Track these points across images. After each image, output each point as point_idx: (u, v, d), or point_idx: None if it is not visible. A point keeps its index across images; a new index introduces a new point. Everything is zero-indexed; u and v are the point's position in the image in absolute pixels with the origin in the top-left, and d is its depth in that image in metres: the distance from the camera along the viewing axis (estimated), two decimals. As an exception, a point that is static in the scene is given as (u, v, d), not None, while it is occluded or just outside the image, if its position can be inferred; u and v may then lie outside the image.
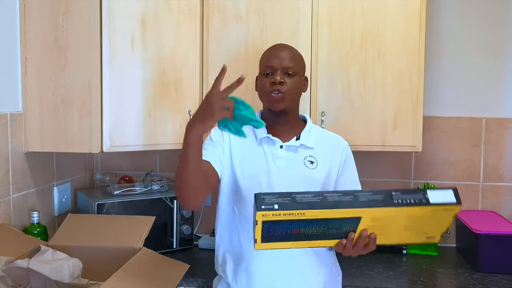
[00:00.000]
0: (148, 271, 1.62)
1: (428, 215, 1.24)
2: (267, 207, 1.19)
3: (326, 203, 1.20)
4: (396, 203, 1.21)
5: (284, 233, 1.24)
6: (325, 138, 1.67)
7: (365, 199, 1.21)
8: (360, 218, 1.23)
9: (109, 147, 1.94)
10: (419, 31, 2.04)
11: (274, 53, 1.60)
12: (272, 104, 1.59)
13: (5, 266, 1.50)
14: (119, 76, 1.94)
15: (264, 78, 1.59)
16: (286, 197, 1.21)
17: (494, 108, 2.39)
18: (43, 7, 1.93)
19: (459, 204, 1.22)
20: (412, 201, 1.21)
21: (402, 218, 1.24)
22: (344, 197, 1.21)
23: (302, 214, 1.19)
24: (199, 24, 2.13)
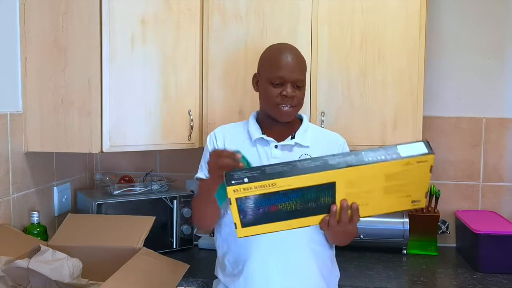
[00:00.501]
0: (148, 271, 1.62)
1: (404, 170, 1.19)
2: (237, 182, 1.17)
3: (296, 170, 1.17)
4: (367, 160, 1.18)
5: (262, 212, 1.21)
6: (321, 136, 1.65)
7: (336, 162, 1.18)
8: (335, 184, 1.19)
9: (109, 147, 1.94)
10: (419, 31, 2.04)
11: (285, 62, 1.54)
12: (281, 117, 1.57)
13: (5, 266, 1.50)
14: (119, 76, 1.94)
15: (273, 88, 1.55)
16: (256, 170, 1.19)
17: (494, 108, 2.39)
18: (43, 7, 1.93)
19: (432, 154, 1.18)
20: (383, 157, 1.18)
21: (378, 178, 1.20)
22: (314, 163, 1.19)
23: (273, 184, 1.17)
24: (199, 24, 2.13)
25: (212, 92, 2.16)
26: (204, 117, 2.17)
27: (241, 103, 2.14)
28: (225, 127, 1.69)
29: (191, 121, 2.12)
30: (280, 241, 1.51)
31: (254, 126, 1.63)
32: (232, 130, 1.68)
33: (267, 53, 1.63)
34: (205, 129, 2.17)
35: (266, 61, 1.61)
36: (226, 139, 1.64)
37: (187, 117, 2.12)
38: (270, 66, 1.57)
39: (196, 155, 2.45)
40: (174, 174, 2.51)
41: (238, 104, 2.14)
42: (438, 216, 2.32)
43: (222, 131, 1.67)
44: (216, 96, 2.16)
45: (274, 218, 1.23)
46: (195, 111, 2.14)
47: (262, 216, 1.22)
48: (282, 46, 1.63)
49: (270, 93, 1.56)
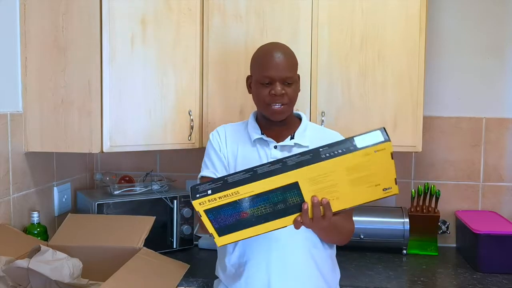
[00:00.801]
0: (148, 271, 1.62)
1: (364, 161, 1.18)
2: (201, 195, 1.18)
3: (257, 176, 1.17)
4: (324, 157, 1.17)
5: (234, 220, 1.22)
6: (321, 135, 1.64)
7: (294, 162, 1.18)
8: (298, 183, 1.19)
9: (109, 147, 1.94)
10: (419, 31, 2.04)
11: (271, 61, 1.54)
12: (273, 116, 1.57)
13: (5, 266, 1.50)
14: (119, 76, 1.94)
15: (262, 88, 1.55)
16: (219, 181, 1.20)
17: (494, 108, 2.39)
18: (43, 7, 1.93)
19: (388, 141, 1.16)
20: (340, 151, 1.17)
21: (339, 172, 1.19)
22: (274, 166, 1.19)
23: (236, 192, 1.17)
24: (199, 24, 2.13)
25: (212, 92, 2.16)
26: (204, 117, 2.17)
27: (241, 103, 2.14)
28: (226, 127, 1.70)
29: (191, 121, 2.12)
30: (280, 242, 1.52)
31: (253, 126, 1.63)
32: (232, 129, 1.68)
33: (256, 54, 1.63)
34: (205, 129, 2.17)
35: (254, 62, 1.61)
36: (228, 138, 1.64)
37: (187, 117, 2.12)
38: (258, 67, 1.58)
39: (196, 155, 2.45)
40: (174, 174, 2.51)
41: (238, 104, 2.14)
42: (438, 216, 2.31)
43: (223, 130, 1.68)
44: (216, 96, 2.16)
45: (247, 224, 1.25)
46: (195, 111, 2.14)
47: (235, 223, 1.24)
48: (269, 46, 1.63)
49: (260, 93, 1.56)
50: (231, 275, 1.61)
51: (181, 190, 2.35)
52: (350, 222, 1.61)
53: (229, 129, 1.68)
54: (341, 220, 1.51)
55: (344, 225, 1.56)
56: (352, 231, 1.62)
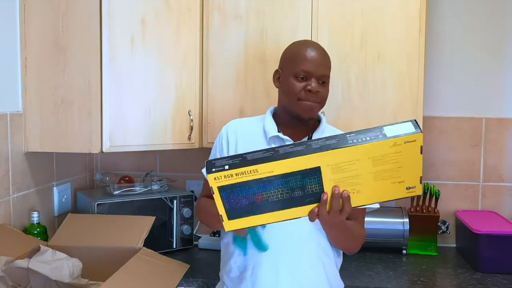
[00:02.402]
0: (148, 271, 1.62)
1: (391, 152, 1.12)
2: (217, 169, 1.12)
3: (278, 156, 1.12)
4: (351, 143, 1.11)
5: (247, 202, 1.17)
6: None
7: (319, 145, 1.12)
8: (320, 169, 1.13)
9: (109, 147, 1.94)
10: (419, 31, 2.04)
11: (311, 56, 1.49)
12: (303, 113, 1.50)
13: (5, 266, 1.50)
14: (119, 76, 1.94)
15: (297, 82, 1.49)
16: (237, 157, 1.14)
17: (494, 108, 2.39)
18: (43, 7, 1.93)
19: (420, 133, 1.10)
20: (368, 138, 1.11)
21: (365, 162, 1.13)
22: (297, 147, 1.13)
23: (255, 170, 1.12)
24: (199, 24, 2.13)
25: (212, 92, 2.16)
26: (204, 117, 2.17)
27: (242, 103, 2.14)
28: (239, 122, 1.64)
29: (191, 121, 2.12)
30: (289, 246, 1.49)
31: (270, 123, 1.57)
32: (247, 125, 1.62)
33: (292, 48, 1.57)
34: (205, 129, 2.17)
35: (290, 55, 1.55)
36: (239, 134, 1.58)
37: (187, 117, 2.12)
38: (294, 60, 1.51)
39: (196, 155, 2.46)
40: (174, 174, 2.51)
41: (238, 104, 2.14)
42: (438, 216, 2.32)
43: (235, 126, 1.61)
44: (216, 96, 2.16)
45: (260, 209, 1.19)
46: (195, 111, 2.14)
47: (247, 207, 1.18)
48: (308, 41, 1.60)
49: (293, 87, 1.49)
50: (236, 278, 1.56)
51: (181, 190, 2.35)
52: (361, 228, 1.56)
53: (243, 125, 1.62)
54: (353, 223, 1.48)
55: (356, 229, 1.51)
56: (363, 237, 1.56)
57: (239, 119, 1.67)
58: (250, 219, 1.21)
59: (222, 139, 1.60)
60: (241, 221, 1.21)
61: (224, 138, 1.60)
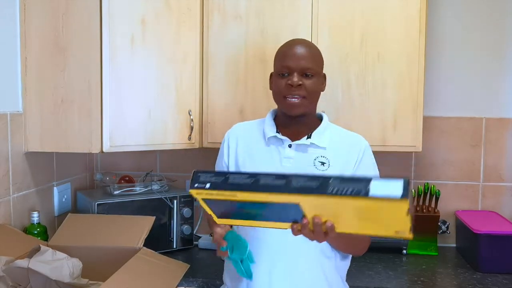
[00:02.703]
0: (148, 271, 1.62)
1: (375, 207, 1.04)
2: (199, 186, 1.14)
3: (257, 186, 1.10)
4: (330, 191, 1.04)
5: (231, 211, 1.20)
6: (341, 138, 1.55)
7: (299, 184, 1.08)
8: (299, 204, 1.10)
9: (109, 147, 1.94)
10: (419, 31, 2.04)
11: (291, 51, 1.49)
12: (288, 109, 1.50)
13: (5, 266, 1.50)
14: (119, 76, 1.94)
15: (280, 79, 1.50)
16: (220, 176, 1.15)
17: (494, 108, 2.39)
18: (43, 7, 1.93)
19: (405, 199, 0.98)
20: (349, 191, 1.02)
21: (347, 209, 1.07)
22: (278, 181, 1.10)
23: (234, 195, 1.12)
24: (199, 24, 2.13)
25: (212, 92, 2.16)
26: (204, 117, 2.17)
27: (242, 103, 2.14)
28: (240, 126, 1.65)
29: (191, 121, 2.12)
30: (286, 248, 1.46)
31: (269, 124, 1.57)
32: (247, 129, 1.62)
33: (278, 49, 1.58)
34: (205, 129, 2.17)
35: (276, 55, 1.56)
36: (240, 139, 1.59)
37: (187, 117, 2.12)
38: (278, 58, 1.53)
39: (196, 155, 2.46)
40: (174, 174, 2.51)
41: (238, 104, 2.14)
42: (438, 216, 2.32)
43: (236, 131, 1.63)
44: (216, 96, 2.16)
45: (246, 217, 1.21)
46: (195, 111, 2.14)
47: (233, 213, 1.21)
48: (293, 40, 1.59)
49: (277, 85, 1.50)
50: (235, 279, 1.55)
51: (181, 190, 2.35)
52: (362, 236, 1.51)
53: (243, 128, 1.63)
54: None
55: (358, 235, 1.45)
56: (368, 241, 1.52)
57: (242, 123, 1.67)
58: (237, 221, 1.24)
59: (224, 143, 1.63)
60: (229, 220, 1.25)
61: (226, 142, 1.62)
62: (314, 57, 1.51)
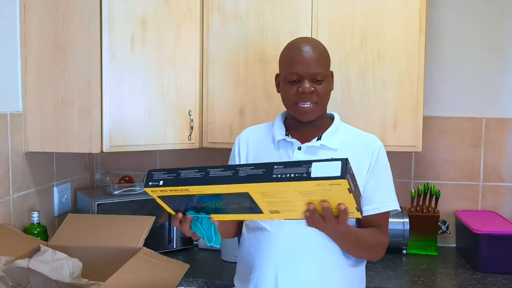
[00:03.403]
0: (148, 271, 1.62)
1: (318, 189, 1.09)
2: (153, 184, 1.20)
3: (206, 179, 1.16)
4: (275, 177, 1.09)
5: (189, 206, 1.24)
6: (354, 139, 1.51)
7: (245, 174, 1.12)
8: (249, 193, 1.14)
9: (109, 147, 1.94)
10: (419, 31, 2.04)
11: (299, 56, 1.43)
12: (301, 116, 1.46)
13: (5, 266, 1.50)
14: (119, 76, 1.94)
15: (289, 86, 1.45)
16: (172, 173, 1.21)
17: (494, 108, 2.39)
18: (43, 7, 1.93)
19: (344, 179, 1.04)
20: (292, 175, 1.08)
21: (292, 193, 1.12)
22: (225, 173, 1.15)
23: (186, 190, 1.18)
24: (199, 24, 2.13)
25: (212, 92, 2.16)
26: (204, 117, 2.17)
27: (242, 103, 2.14)
28: (250, 130, 1.63)
29: (191, 121, 2.12)
30: (292, 251, 1.43)
31: (278, 127, 1.54)
32: (257, 132, 1.60)
33: (284, 50, 1.52)
34: (205, 129, 2.17)
35: (282, 58, 1.51)
36: (250, 143, 1.57)
37: (187, 117, 2.12)
38: (285, 64, 1.47)
39: (196, 155, 2.46)
40: (174, 174, 2.51)
41: (238, 104, 2.14)
42: (438, 216, 2.32)
43: (247, 134, 1.61)
44: (216, 96, 2.16)
45: (204, 211, 1.25)
46: (195, 111, 2.14)
47: (191, 208, 1.25)
48: (298, 41, 1.53)
49: (287, 92, 1.46)
50: (243, 281, 1.54)
51: (181, 190, 2.35)
52: (380, 235, 1.48)
53: (253, 132, 1.61)
54: (368, 231, 1.43)
55: (373, 237, 1.44)
56: (383, 245, 1.47)
57: (252, 127, 1.64)
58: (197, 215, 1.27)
59: (235, 150, 1.61)
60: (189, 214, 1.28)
61: (237, 147, 1.60)
62: (322, 59, 1.47)
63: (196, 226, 1.27)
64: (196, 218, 1.26)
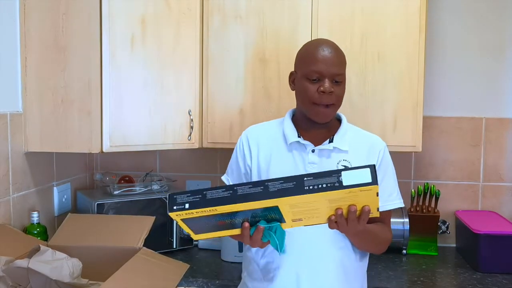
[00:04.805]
0: (148, 271, 1.62)
1: (347, 196, 1.15)
2: (178, 208, 1.18)
3: (236, 198, 1.16)
4: (307, 189, 1.13)
5: (211, 225, 1.23)
6: (361, 140, 1.54)
7: (275, 188, 1.15)
8: (278, 207, 1.18)
9: (109, 147, 1.94)
10: (419, 31, 2.04)
11: (322, 55, 1.44)
12: (317, 117, 1.47)
13: (5, 266, 1.50)
14: (119, 76, 1.94)
15: (310, 84, 1.45)
16: (197, 194, 1.18)
17: (494, 108, 2.39)
18: (43, 7, 1.93)
19: (375, 185, 1.12)
20: (325, 185, 1.13)
21: (322, 202, 1.17)
22: (255, 189, 1.16)
23: (214, 210, 1.17)
24: (199, 24, 2.13)
25: (212, 92, 2.16)
26: (204, 117, 2.17)
27: (242, 103, 2.14)
28: (257, 129, 1.60)
29: (191, 121, 2.12)
30: (310, 250, 1.46)
31: (290, 127, 1.53)
32: (266, 132, 1.58)
33: (304, 49, 1.53)
34: (205, 129, 2.17)
35: (302, 56, 1.51)
36: (261, 143, 1.55)
37: (187, 117, 2.12)
38: (306, 61, 1.47)
39: (196, 155, 2.46)
40: (174, 174, 2.51)
41: (238, 104, 2.14)
42: (438, 216, 2.32)
43: (255, 133, 1.58)
44: (216, 96, 2.16)
45: (224, 228, 1.26)
46: (195, 111, 2.14)
47: (212, 227, 1.25)
48: (319, 40, 1.56)
49: (307, 90, 1.45)
50: (259, 280, 1.54)
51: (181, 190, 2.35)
52: (387, 231, 1.54)
53: (262, 131, 1.59)
54: (377, 227, 1.47)
55: (381, 232, 1.50)
56: (389, 240, 1.54)
57: (258, 125, 1.63)
58: (216, 233, 1.28)
59: (244, 147, 1.57)
60: (208, 234, 1.28)
61: (246, 146, 1.57)
62: (343, 62, 1.49)
63: (270, 235, 1.28)
64: (269, 228, 1.26)
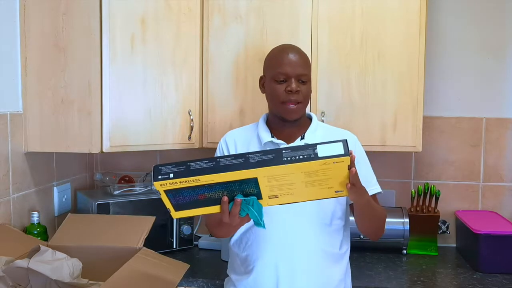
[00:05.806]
0: (148, 271, 1.62)
1: (322, 168, 1.24)
2: (163, 177, 1.23)
3: (219, 167, 1.23)
4: (285, 160, 1.22)
5: (191, 200, 1.28)
6: (331, 135, 1.59)
7: (256, 159, 1.23)
8: (257, 179, 1.25)
9: (109, 147, 1.94)
10: (419, 31, 2.04)
11: (287, 58, 1.56)
12: (287, 115, 1.57)
13: (5, 266, 1.50)
14: (119, 76, 1.94)
15: (277, 85, 1.56)
16: (181, 165, 1.24)
17: (494, 108, 2.39)
18: (43, 7, 1.93)
19: (347, 156, 1.22)
20: (301, 156, 1.23)
21: (297, 175, 1.25)
22: (236, 160, 1.24)
23: (197, 180, 1.23)
24: (199, 24, 2.13)
25: (212, 92, 2.16)
26: (204, 117, 2.17)
27: (241, 103, 2.14)
28: (235, 133, 1.70)
29: (191, 121, 2.12)
30: (288, 241, 1.54)
31: (263, 129, 1.63)
32: (242, 134, 1.68)
33: (270, 53, 1.65)
34: (205, 129, 2.17)
35: (269, 60, 1.63)
36: (238, 144, 1.64)
37: (187, 117, 2.12)
38: (273, 65, 1.59)
39: (196, 155, 2.45)
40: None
41: (238, 104, 2.14)
42: (438, 216, 2.32)
43: (232, 136, 1.68)
44: (216, 96, 2.16)
45: (204, 204, 1.31)
46: (195, 111, 2.14)
47: (192, 202, 1.30)
48: (284, 45, 1.67)
49: (275, 91, 1.56)
50: (240, 273, 1.63)
51: (181, 190, 2.35)
52: (381, 207, 1.62)
53: (239, 134, 1.69)
54: (375, 203, 1.54)
55: (379, 207, 1.58)
56: (385, 216, 1.61)
57: (234, 130, 1.73)
58: (195, 210, 1.33)
59: (223, 150, 1.67)
60: (187, 211, 1.33)
61: (225, 148, 1.67)
62: (307, 63, 1.60)
63: (248, 209, 1.32)
64: (246, 202, 1.31)
